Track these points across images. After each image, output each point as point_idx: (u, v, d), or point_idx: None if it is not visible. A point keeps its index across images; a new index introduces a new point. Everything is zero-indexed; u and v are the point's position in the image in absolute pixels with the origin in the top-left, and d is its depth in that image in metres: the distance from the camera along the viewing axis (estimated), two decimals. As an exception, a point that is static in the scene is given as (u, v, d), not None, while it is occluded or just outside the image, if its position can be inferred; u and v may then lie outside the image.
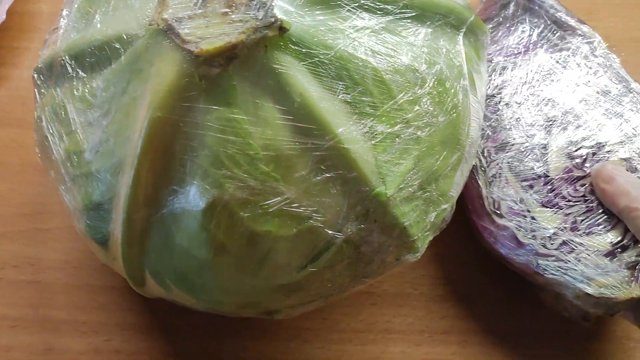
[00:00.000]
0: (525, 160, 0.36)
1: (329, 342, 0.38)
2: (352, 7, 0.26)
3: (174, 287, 0.29)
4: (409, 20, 0.28)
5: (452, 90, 0.28)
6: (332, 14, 0.26)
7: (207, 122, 0.25)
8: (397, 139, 0.27)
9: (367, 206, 0.27)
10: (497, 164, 0.36)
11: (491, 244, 0.36)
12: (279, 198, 0.25)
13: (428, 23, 0.28)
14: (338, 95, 0.25)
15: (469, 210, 0.37)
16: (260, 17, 0.24)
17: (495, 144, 0.37)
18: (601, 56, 0.39)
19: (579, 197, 0.35)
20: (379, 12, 0.27)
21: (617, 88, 0.38)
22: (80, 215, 0.29)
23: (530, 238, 0.34)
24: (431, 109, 0.27)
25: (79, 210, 0.29)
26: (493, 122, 0.37)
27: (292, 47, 0.25)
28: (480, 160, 0.36)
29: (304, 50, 0.25)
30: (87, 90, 0.27)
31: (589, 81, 0.38)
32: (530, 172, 0.36)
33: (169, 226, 0.27)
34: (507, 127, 0.37)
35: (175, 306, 0.33)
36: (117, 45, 0.27)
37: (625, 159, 0.36)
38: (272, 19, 0.24)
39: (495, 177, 0.36)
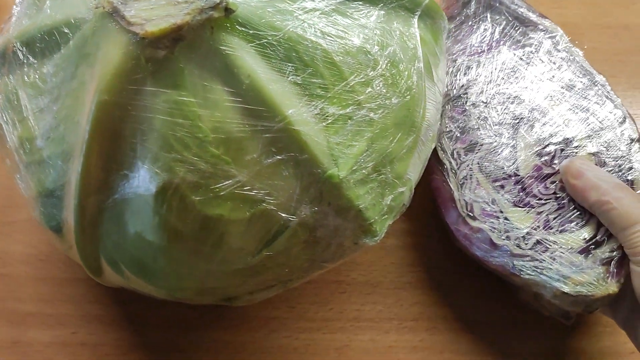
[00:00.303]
0: (495, 160, 0.35)
1: (297, 331, 0.38)
2: (302, -11, 0.26)
3: (130, 274, 0.29)
4: (361, 2, 0.28)
5: (406, 73, 0.28)
6: (281, -5, 0.26)
7: (155, 105, 0.25)
8: (349, 121, 0.26)
9: (320, 188, 0.26)
10: (468, 166, 0.36)
11: (467, 247, 0.35)
12: (230, 181, 0.25)
13: (381, 5, 0.28)
14: (288, 77, 0.25)
15: (442, 214, 0.36)
16: (205, -1, 0.24)
17: (464, 145, 0.36)
18: (564, 50, 0.38)
19: (549, 194, 0.35)
20: (329, -6, 0.27)
21: (581, 82, 0.37)
22: (35, 203, 0.29)
23: (504, 239, 0.34)
24: (384, 90, 0.27)
25: (33, 198, 0.28)
26: (461, 122, 0.37)
27: (239, 28, 0.25)
28: (450, 163, 0.36)
29: (251, 31, 0.25)
30: (37, 76, 0.27)
31: (553, 76, 0.38)
32: (500, 172, 0.35)
33: (122, 211, 0.27)
34: (475, 127, 0.36)
35: (141, 297, 0.32)
36: (66, 30, 0.26)
37: (593, 154, 0.35)
38: (218, 0, 0.24)
39: (467, 179, 0.35)
